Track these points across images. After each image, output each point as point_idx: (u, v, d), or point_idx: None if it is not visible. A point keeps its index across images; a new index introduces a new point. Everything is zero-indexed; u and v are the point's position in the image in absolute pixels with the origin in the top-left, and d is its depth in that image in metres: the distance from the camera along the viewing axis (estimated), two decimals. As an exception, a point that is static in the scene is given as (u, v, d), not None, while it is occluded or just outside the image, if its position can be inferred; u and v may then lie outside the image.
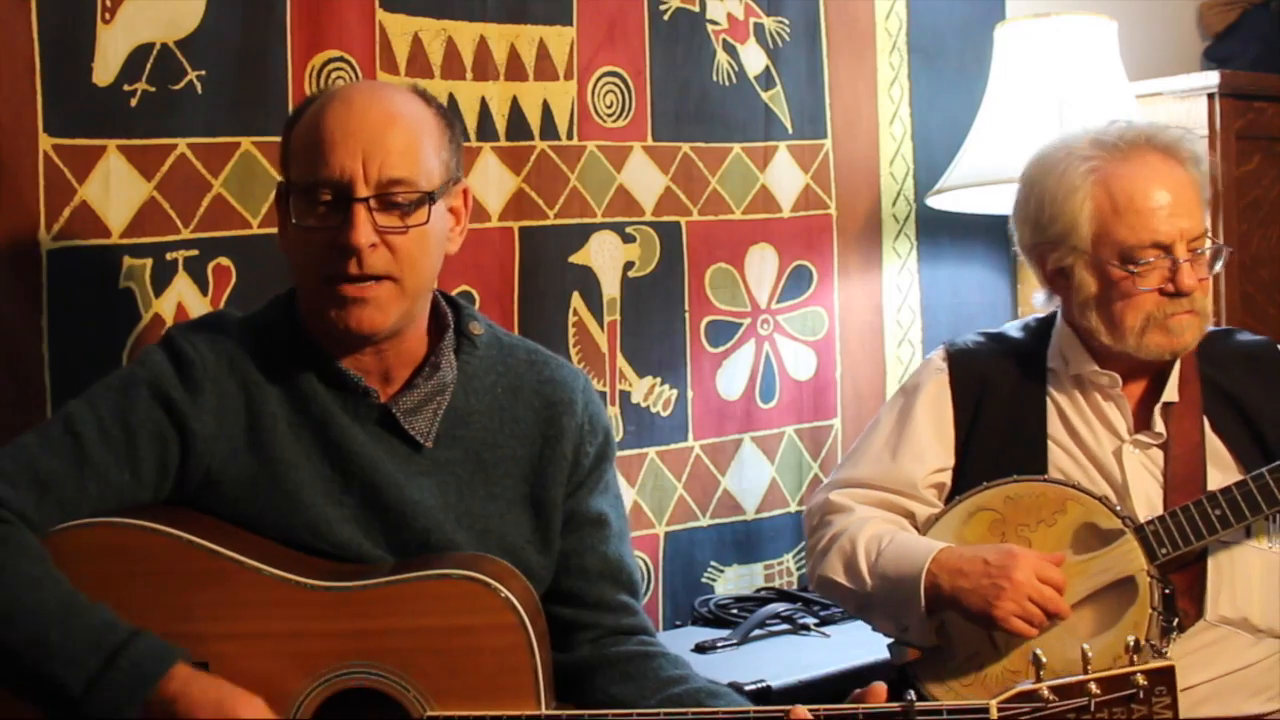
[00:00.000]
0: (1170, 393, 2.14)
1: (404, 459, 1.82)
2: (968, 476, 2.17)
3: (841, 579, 2.12)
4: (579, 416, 1.90)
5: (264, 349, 1.82)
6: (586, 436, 1.90)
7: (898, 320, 3.20)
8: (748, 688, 2.34)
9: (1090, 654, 1.66)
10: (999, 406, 2.20)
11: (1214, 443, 2.13)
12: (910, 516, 2.19)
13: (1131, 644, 1.68)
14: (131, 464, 1.74)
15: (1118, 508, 2.06)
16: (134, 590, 1.71)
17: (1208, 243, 2.12)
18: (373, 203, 1.73)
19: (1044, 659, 1.65)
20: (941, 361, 2.25)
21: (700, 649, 2.59)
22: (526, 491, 1.87)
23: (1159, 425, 2.13)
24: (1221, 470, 2.11)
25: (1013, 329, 2.32)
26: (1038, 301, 2.29)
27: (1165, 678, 1.63)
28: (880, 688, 1.70)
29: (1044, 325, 2.27)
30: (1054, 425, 2.17)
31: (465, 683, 1.71)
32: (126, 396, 1.76)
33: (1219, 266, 2.16)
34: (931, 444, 2.20)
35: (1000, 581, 1.98)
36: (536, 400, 1.89)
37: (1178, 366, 2.15)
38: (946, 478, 2.21)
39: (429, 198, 1.77)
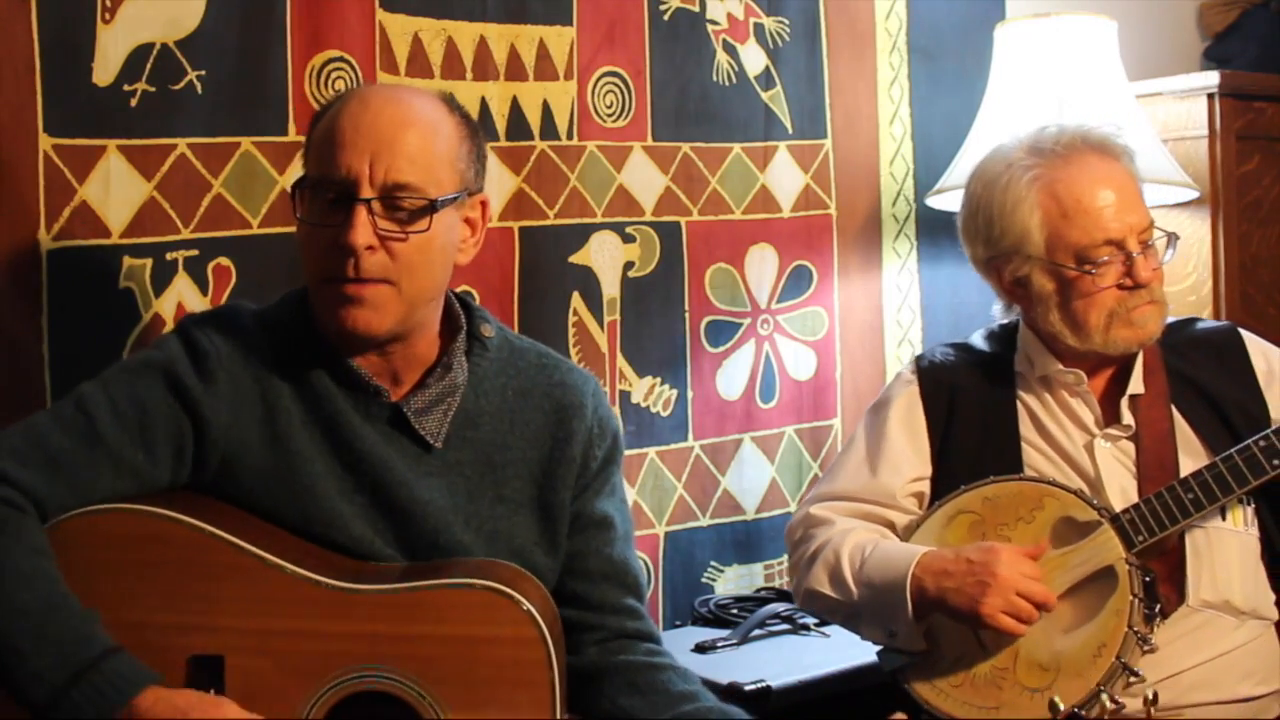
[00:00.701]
0: (1135, 385, 2.17)
1: (414, 459, 1.83)
2: (946, 483, 2.19)
3: (827, 590, 2.13)
4: (589, 420, 1.91)
5: (277, 344, 1.83)
6: (595, 439, 1.91)
7: (898, 320, 3.20)
8: (747, 688, 2.34)
9: (1105, 698, 1.66)
10: (971, 413, 2.22)
11: (1183, 430, 2.16)
12: (891, 526, 2.20)
13: (1151, 698, 1.69)
14: (145, 445, 1.74)
15: (1093, 500, 2.08)
16: (155, 578, 1.71)
17: (1156, 232, 2.15)
18: (376, 205, 1.73)
19: (1062, 707, 1.66)
20: (911, 374, 2.29)
21: (700, 649, 2.59)
22: (535, 493, 1.88)
23: (1127, 418, 2.16)
24: (1192, 457, 2.13)
25: (977, 338, 2.35)
26: (996, 313, 2.32)
27: None
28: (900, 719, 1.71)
29: (1008, 331, 2.30)
30: (1025, 426, 2.20)
31: (482, 693, 1.71)
32: (141, 379, 1.77)
33: (1171, 255, 2.19)
34: (907, 455, 2.22)
35: (985, 579, 1.99)
36: (547, 403, 1.90)
37: (1141, 358, 2.18)
38: (925, 487, 2.22)
39: (432, 206, 1.75)
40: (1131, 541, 2.03)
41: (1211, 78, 3.20)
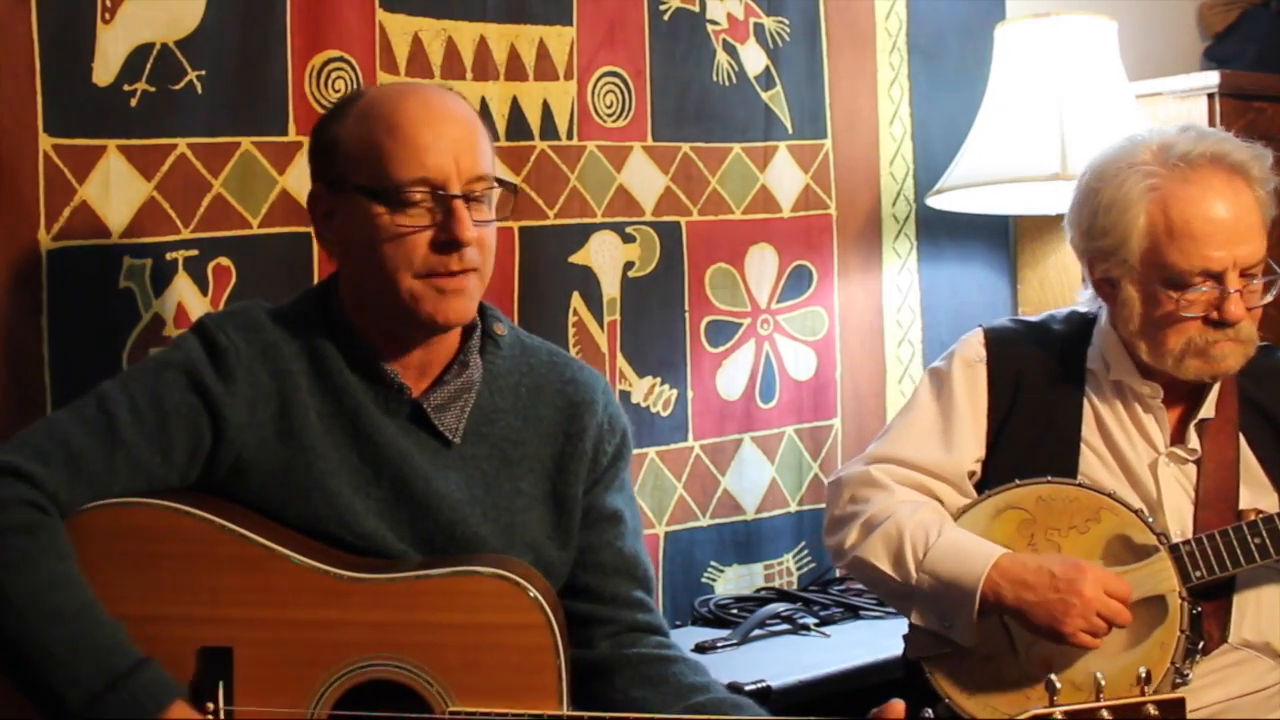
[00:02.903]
0: (1208, 409, 2.11)
1: (433, 453, 1.85)
2: (995, 470, 2.14)
3: (884, 566, 2.06)
4: (599, 415, 1.94)
5: (296, 341, 1.85)
6: (605, 435, 1.94)
7: (898, 320, 3.20)
8: (748, 688, 2.34)
9: (1103, 683, 1.64)
10: (1034, 403, 2.15)
11: (1249, 460, 2.10)
12: (940, 503, 2.14)
13: (1142, 675, 1.67)
14: (163, 446, 1.76)
15: (1152, 522, 2.03)
16: (162, 571, 1.73)
17: (1267, 271, 2.05)
18: (467, 199, 1.79)
19: (1059, 686, 1.64)
20: (980, 348, 2.19)
21: (700, 649, 2.59)
22: (548, 488, 1.91)
23: (1193, 441, 2.10)
24: (1255, 489, 2.08)
25: (1054, 322, 2.24)
26: (1083, 298, 2.22)
27: (1175, 709, 1.63)
28: (898, 704, 1.69)
29: (1086, 322, 2.21)
30: (1089, 429, 2.13)
31: (488, 679, 1.73)
32: (161, 380, 1.78)
33: (1270, 296, 2.07)
34: (972, 432, 2.15)
35: (1069, 598, 1.94)
36: (559, 400, 1.93)
37: (1218, 384, 2.11)
38: (978, 468, 2.17)
39: (513, 189, 1.86)
40: (1188, 575, 1.99)
41: (1211, 78, 3.20)
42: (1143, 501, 2.08)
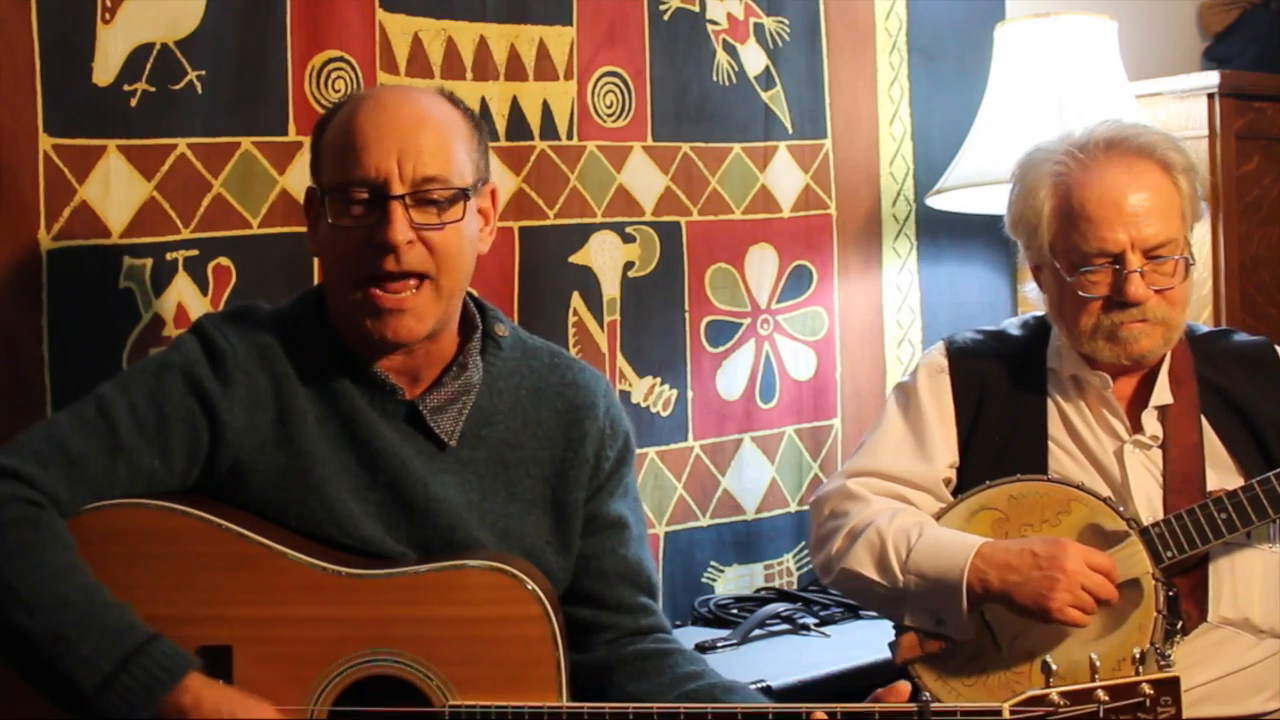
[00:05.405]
0: (1160, 395, 2.14)
1: (429, 457, 1.84)
2: (968, 475, 2.17)
3: (871, 573, 2.09)
4: (600, 420, 1.92)
5: (294, 343, 1.84)
6: (607, 440, 1.93)
7: (898, 320, 3.20)
8: (748, 688, 2.34)
9: (1098, 663, 1.67)
10: (999, 407, 2.19)
11: (1213, 443, 2.12)
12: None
13: (1137, 655, 1.69)
14: (162, 450, 1.76)
15: (1122, 509, 2.06)
16: (159, 572, 1.73)
17: (1180, 252, 2.08)
18: (408, 200, 1.75)
19: (1054, 666, 1.67)
20: (942, 358, 2.24)
21: (700, 649, 2.59)
22: (548, 493, 1.89)
23: (1152, 428, 2.13)
24: (1220, 471, 2.10)
25: (1012, 327, 2.31)
26: (1028, 292, 2.29)
27: (1170, 688, 1.66)
28: (903, 687, 1.71)
29: (1043, 324, 2.26)
30: (1054, 426, 2.17)
31: (488, 673, 1.73)
32: (160, 382, 1.78)
33: (1183, 279, 2.09)
34: (942, 441, 2.19)
35: (1053, 573, 1.96)
36: (559, 403, 1.91)
37: (1166, 368, 2.15)
38: (952, 474, 2.20)
39: (464, 194, 1.79)
40: (1159, 556, 2.01)
41: (1211, 78, 3.20)
42: (1112, 490, 2.11)
